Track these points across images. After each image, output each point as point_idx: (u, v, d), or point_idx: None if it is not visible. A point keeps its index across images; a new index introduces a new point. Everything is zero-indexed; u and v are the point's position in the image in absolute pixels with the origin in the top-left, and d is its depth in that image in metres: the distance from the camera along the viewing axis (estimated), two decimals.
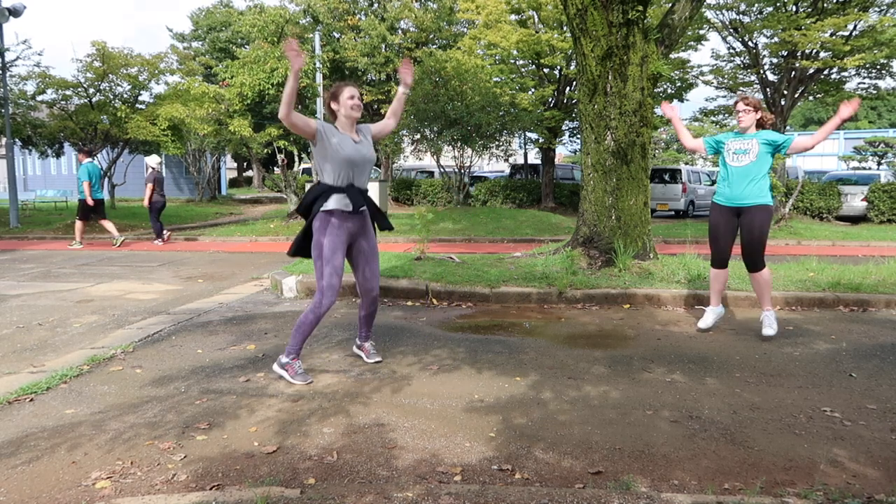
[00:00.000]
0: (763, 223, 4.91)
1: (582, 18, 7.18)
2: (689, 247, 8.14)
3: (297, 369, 4.00)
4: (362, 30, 23.95)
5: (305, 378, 3.96)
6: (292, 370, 4.00)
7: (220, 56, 28.32)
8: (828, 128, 4.91)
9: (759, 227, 4.91)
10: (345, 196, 3.93)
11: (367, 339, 4.44)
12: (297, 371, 3.99)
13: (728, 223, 5.04)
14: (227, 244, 12.94)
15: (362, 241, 4.12)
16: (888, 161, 28.41)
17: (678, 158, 31.94)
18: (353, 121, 4.02)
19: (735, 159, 4.92)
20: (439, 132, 18.47)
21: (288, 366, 4.02)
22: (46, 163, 31.66)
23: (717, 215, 5.10)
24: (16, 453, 3.01)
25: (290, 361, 4.02)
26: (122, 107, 15.16)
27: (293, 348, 4.03)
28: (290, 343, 4.04)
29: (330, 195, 3.91)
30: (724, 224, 5.05)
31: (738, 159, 4.90)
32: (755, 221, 4.90)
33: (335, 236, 3.91)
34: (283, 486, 2.65)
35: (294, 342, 4.02)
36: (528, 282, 6.59)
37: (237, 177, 44.71)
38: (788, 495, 2.59)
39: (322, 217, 3.92)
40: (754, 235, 4.94)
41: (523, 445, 3.08)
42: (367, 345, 4.43)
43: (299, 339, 4.02)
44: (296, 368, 4.00)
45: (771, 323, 5.03)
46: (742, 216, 4.96)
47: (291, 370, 4.00)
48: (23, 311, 6.29)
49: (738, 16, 17.64)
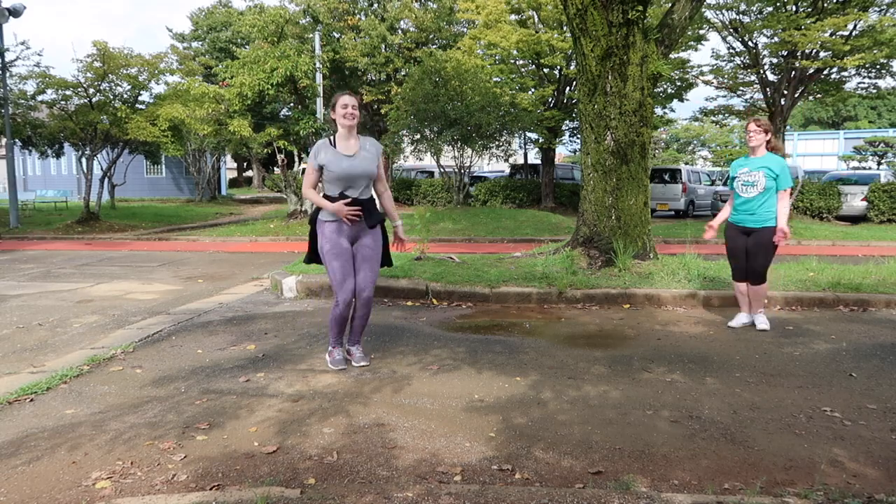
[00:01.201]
0: (769, 244, 5.31)
1: (582, 18, 7.18)
2: (689, 247, 8.14)
3: (335, 356, 4.37)
4: (362, 30, 23.94)
5: (339, 365, 4.30)
6: (331, 357, 4.38)
7: (220, 56, 28.31)
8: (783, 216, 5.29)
9: (764, 248, 5.32)
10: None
11: (354, 344, 4.45)
12: (335, 358, 4.35)
13: (740, 241, 5.46)
14: (227, 244, 12.95)
15: (364, 244, 4.27)
16: (888, 161, 28.41)
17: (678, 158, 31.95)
18: (349, 129, 4.20)
19: (744, 190, 5.34)
20: (439, 132, 18.46)
21: (329, 353, 4.42)
22: (46, 163, 31.63)
23: (733, 234, 5.51)
24: (16, 453, 3.01)
25: (330, 349, 4.41)
26: (122, 107, 15.14)
27: (331, 341, 4.40)
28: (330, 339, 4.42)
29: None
30: (740, 242, 5.46)
31: (747, 191, 5.32)
32: (761, 243, 5.32)
33: (333, 240, 4.18)
34: (283, 486, 2.65)
35: (331, 336, 4.40)
36: (528, 282, 6.59)
37: (237, 177, 44.71)
38: (788, 495, 2.59)
39: (319, 225, 4.27)
40: (759, 254, 5.35)
41: (523, 445, 3.08)
42: (355, 349, 4.44)
43: (334, 333, 4.36)
44: (335, 355, 4.36)
45: (763, 320, 5.44)
46: (751, 236, 5.38)
47: (331, 357, 4.39)
48: (23, 312, 6.29)
49: (738, 16, 17.63)
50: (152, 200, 27.58)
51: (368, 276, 4.28)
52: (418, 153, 20.08)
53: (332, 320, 4.30)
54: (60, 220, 17.22)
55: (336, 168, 4.11)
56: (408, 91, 18.84)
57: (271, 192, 30.36)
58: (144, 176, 30.18)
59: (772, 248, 5.33)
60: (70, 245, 13.06)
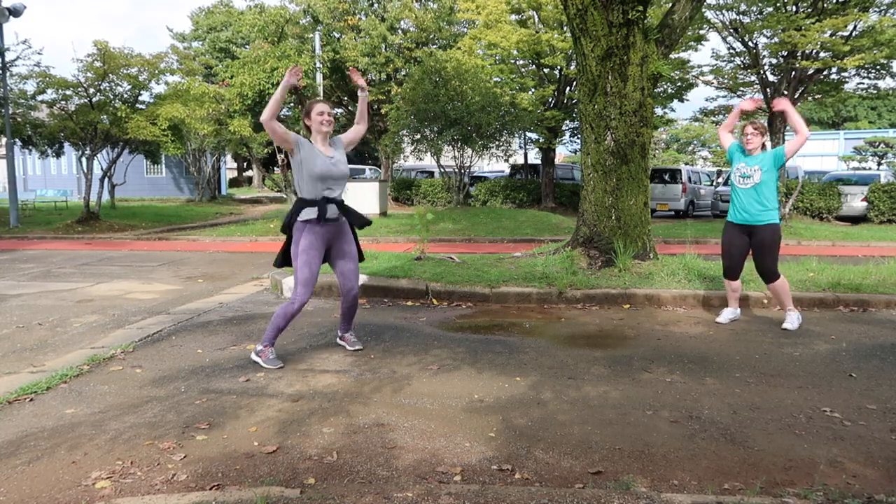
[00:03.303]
0: (773, 242, 5.34)
1: (582, 18, 7.18)
2: (689, 247, 8.14)
3: (268, 354, 4.35)
4: (362, 30, 23.95)
5: (276, 363, 4.29)
6: (263, 357, 4.34)
7: (220, 56, 28.34)
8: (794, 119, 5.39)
9: (769, 246, 5.34)
10: (316, 209, 4.25)
11: (346, 331, 4.76)
12: (269, 357, 4.34)
13: (740, 240, 5.45)
14: (227, 244, 12.95)
15: (340, 244, 4.45)
16: (888, 161, 28.41)
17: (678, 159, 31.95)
18: (324, 136, 4.34)
19: (741, 182, 5.37)
20: (439, 132, 18.47)
21: (261, 352, 4.36)
22: (46, 163, 31.65)
23: (731, 233, 5.51)
24: (16, 453, 3.01)
25: (263, 349, 4.37)
26: (122, 107, 15.14)
27: (268, 338, 4.37)
28: (266, 333, 4.38)
29: (303, 208, 4.26)
30: (737, 242, 5.46)
31: (744, 182, 5.35)
32: (766, 241, 5.33)
33: (309, 239, 4.26)
34: (283, 486, 2.65)
35: (269, 332, 4.36)
36: (528, 282, 6.59)
37: (237, 177, 44.72)
38: (788, 495, 2.59)
39: (298, 226, 4.30)
40: (765, 253, 5.36)
41: (523, 445, 3.08)
42: (348, 335, 4.75)
43: (274, 330, 4.35)
44: (268, 354, 4.35)
45: (792, 320, 5.39)
46: (753, 236, 5.38)
47: (263, 357, 4.34)
48: (23, 311, 6.29)
49: (738, 16, 17.63)
50: (152, 200, 27.59)
51: (354, 273, 4.51)
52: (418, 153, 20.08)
53: (280, 317, 4.31)
54: (60, 219, 17.22)
55: (316, 166, 4.20)
56: (408, 91, 18.84)
57: (271, 191, 30.39)
58: (144, 176, 30.19)
59: (776, 245, 5.36)
60: (70, 245, 13.05)
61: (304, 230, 4.26)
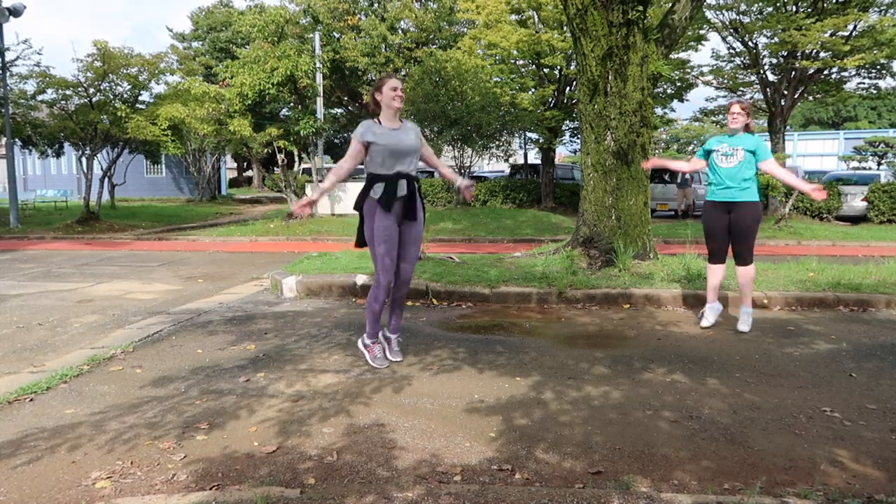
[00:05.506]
0: (752, 219, 5.23)
1: (582, 18, 7.18)
2: (689, 247, 8.14)
3: (377, 353, 4.35)
4: (362, 30, 23.93)
5: (383, 363, 4.28)
6: (371, 353, 4.35)
7: (220, 56, 28.32)
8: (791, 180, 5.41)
9: (748, 223, 5.23)
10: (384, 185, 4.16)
11: (395, 332, 4.51)
12: (377, 355, 4.34)
13: (720, 219, 5.33)
14: (227, 244, 12.94)
15: (407, 226, 4.30)
16: (888, 161, 28.40)
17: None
18: (395, 111, 4.24)
19: (723, 161, 5.27)
20: (439, 132, 18.47)
21: (369, 348, 4.37)
22: (46, 163, 31.67)
23: (711, 213, 5.40)
24: (16, 453, 3.01)
25: (370, 344, 4.38)
26: (122, 107, 15.13)
27: (369, 332, 4.36)
28: (367, 326, 4.36)
29: (374, 183, 4.18)
30: (717, 221, 5.35)
31: (727, 161, 5.25)
32: (746, 217, 5.22)
33: (382, 219, 4.16)
34: (283, 486, 2.65)
35: (368, 326, 4.34)
36: (528, 282, 6.59)
37: (237, 177, 44.69)
38: (788, 495, 2.58)
39: (369, 205, 4.21)
40: (743, 230, 5.25)
41: (524, 446, 3.08)
42: (395, 337, 4.51)
43: (372, 321, 4.31)
44: (375, 352, 4.35)
45: (746, 320, 5.31)
46: (733, 212, 5.26)
47: (371, 353, 4.35)
48: (23, 311, 6.29)
49: (738, 16, 17.63)
50: (152, 200, 27.59)
51: (415, 259, 4.42)
52: None
53: (372, 304, 4.25)
54: (60, 219, 17.22)
55: (386, 140, 4.14)
56: (408, 91, 18.83)
57: (271, 192, 30.31)
58: (144, 176, 30.19)
59: (755, 225, 5.25)
60: (70, 245, 13.06)
61: (375, 210, 4.17)
